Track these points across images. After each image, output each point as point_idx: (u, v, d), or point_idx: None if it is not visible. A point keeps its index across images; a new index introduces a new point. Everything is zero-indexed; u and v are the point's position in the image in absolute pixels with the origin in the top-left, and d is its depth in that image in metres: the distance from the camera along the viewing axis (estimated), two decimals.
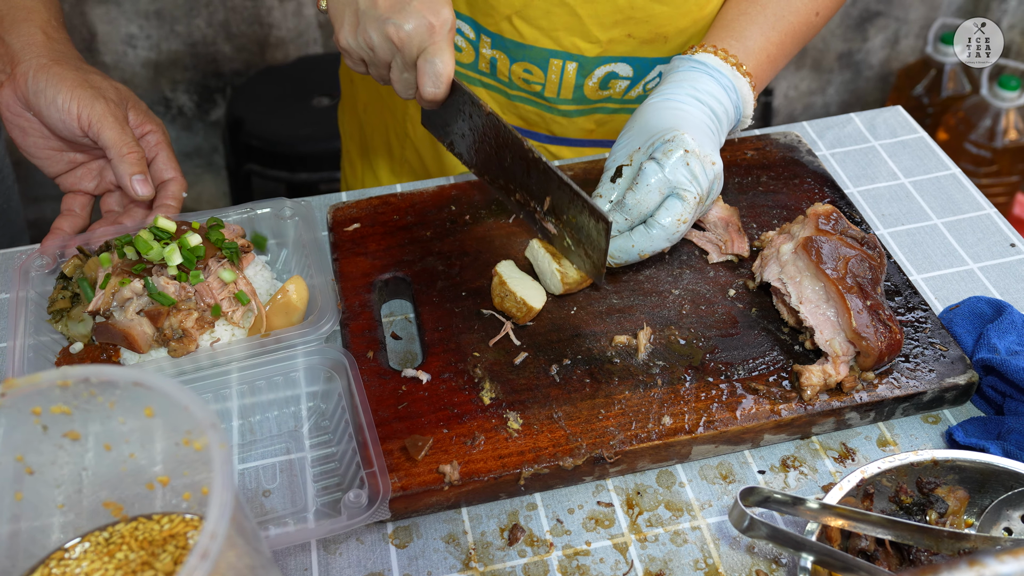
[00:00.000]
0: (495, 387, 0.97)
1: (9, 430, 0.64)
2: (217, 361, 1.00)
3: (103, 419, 0.66)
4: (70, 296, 1.06)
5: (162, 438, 0.67)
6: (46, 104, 1.05)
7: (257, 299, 1.03)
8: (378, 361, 1.01)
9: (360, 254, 1.12)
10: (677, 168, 0.99)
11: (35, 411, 0.64)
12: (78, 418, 0.66)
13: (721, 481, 0.94)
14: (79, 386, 0.64)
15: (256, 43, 2.87)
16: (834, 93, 3.41)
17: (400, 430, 0.94)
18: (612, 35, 1.18)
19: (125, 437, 0.68)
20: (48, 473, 0.68)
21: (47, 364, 1.02)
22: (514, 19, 1.18)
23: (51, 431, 0.66)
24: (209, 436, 0.58)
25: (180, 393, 0.61)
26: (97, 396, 0.65)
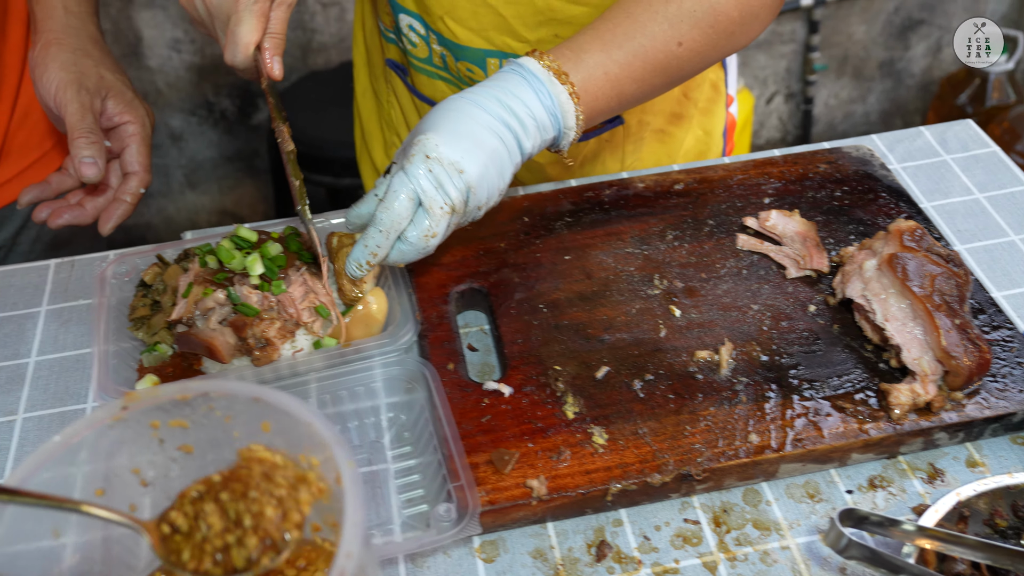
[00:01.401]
0: (578, 401, 0.97)
1: (128, 442, 0.65)
2: (297, 371, 1.00)
3: (219, 433, 0.66)
4: (150, 304, 1.06)
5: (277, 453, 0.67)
6: (38, 79, 1.12)
7: (336, 310, 1.03)
8: (458, 373, 1.01)
9: (434, 265, 1.12)
10: (419, 176, 0.94)
11: (154, 424, 0.65)
12: (193, 431, 0.66)
13: (808, 500, 0.93)
14: (198, 400, 0.64)
15: (299, 48, 2.89)
16: (875, 102, 3.39)
17: (484, 443, 0.94)
18: (540, 35, 1.19)
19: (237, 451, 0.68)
20: (161, 485, 0.68)
21: (129, 371, 1.02)
22: (446, 19, 1.20)
23: (167, 444, 0.66)
24: (336, 453, 0.58)
25: (302, 409, 0.61)
26: (215, 410, 0.65)
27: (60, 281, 1.19)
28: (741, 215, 1.17)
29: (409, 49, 1.27)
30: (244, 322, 0.98)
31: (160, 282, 1.07)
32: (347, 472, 0.57)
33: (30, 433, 1.01)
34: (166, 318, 1.04)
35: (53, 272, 1.20)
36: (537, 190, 1.24)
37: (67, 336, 1.12)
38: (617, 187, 1.22)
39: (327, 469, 0.61)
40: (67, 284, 1.18)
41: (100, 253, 1.23)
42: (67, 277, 1.19)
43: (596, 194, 1.21)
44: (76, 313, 1.15)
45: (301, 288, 1.02)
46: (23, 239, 1.41)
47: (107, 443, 0.64)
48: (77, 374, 1.07)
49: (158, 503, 0.69)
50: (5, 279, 1.19)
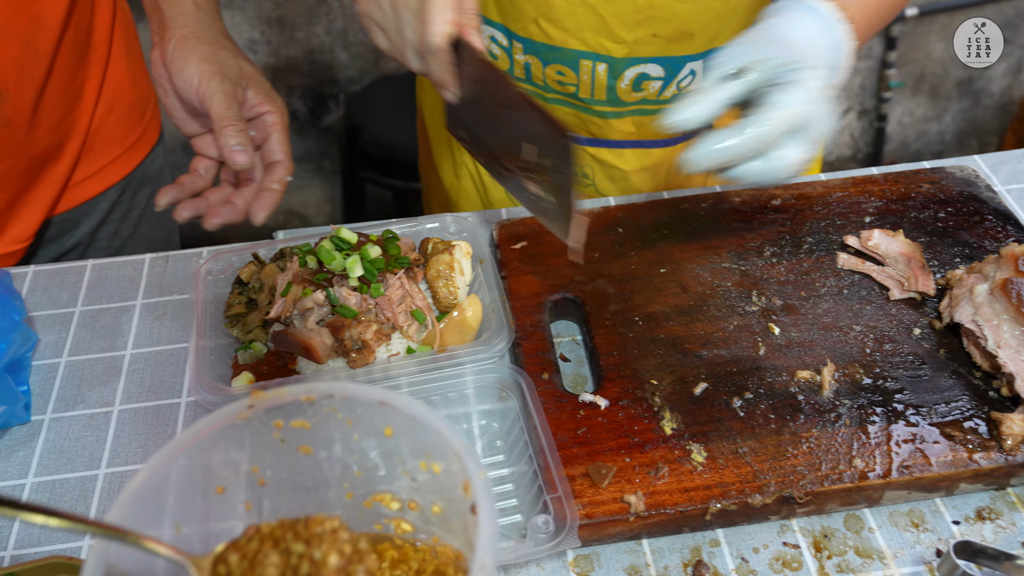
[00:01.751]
0: (675, 417, 0.96)
1: (251, 441, 0.65)
2: (391, 374, 1.00)
3: (339, 435, 0.66)
4: (245, 301, 1.07)
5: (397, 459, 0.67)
6: (178, 72, 1.11)
7: (432, 315, 1.03)
8: (553, 383, 1.00)
9: (528, 273, 1.12)
10: (812, 102, 0.89)
11: (277, 424, 0.65)
12: (313, 432, 0.66)
13: (913, 529, 0.90)
14: (322, 401, 0.64)
15: (372, 51, 2.91)
16: (951, 121, 3.32)
17: (580, 456, 0.93)
18: (637, 35, 1.17)
19: (354, 454, 0.68)
20: (277, 486, 0.68)
21: (224, 367, 1.03)
22: (540, 21, 1.18)
23: (288, 444, 0.66)
24: (466, 462, 0.58)
25: (430, 416, 0.61)
26: (338, 412, 0.65)
27: (155, 276, 1.20)
28: (841, 233, 1.15)
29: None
30: (342, 324, 0.98)
31: (256, 280, 1.08)
32: (477, 482, 0.56)
33: (126, 425, 1.03)
34: (262, 316, 1.05)
35: (148, 267, 1.22)
36: (630, 201, 1.23)
37: (161, 330, 1.13)
38: (713, 200, 1.20)
39: (453, 477, 0.61)
40: (162, 279, 1.20)
41: (194, 249, 1.24)
42: (161, 272, 1.21)
43: (691, 206, 1.19)
44: (171, 308, 1.16)
45: (399, 292, 1.02)
46: (101, 235, 1.43)
47: (231, 440, 0.64)
48: (172, 368, 1.08)
49: (273, 505, 0.69)
50: (101, 272, 1.21)
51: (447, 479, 0.63)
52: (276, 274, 1.06)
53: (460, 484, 0.59)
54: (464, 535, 0.64)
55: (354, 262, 1.00)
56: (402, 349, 1.02)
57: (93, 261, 1.22)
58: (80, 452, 1.00)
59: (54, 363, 1.10)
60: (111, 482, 0.97)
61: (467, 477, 0.58)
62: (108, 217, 1.42)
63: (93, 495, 0.96)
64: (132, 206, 1.46)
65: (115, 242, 1.45)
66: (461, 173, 1.46)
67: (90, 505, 0.95)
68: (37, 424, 1.03)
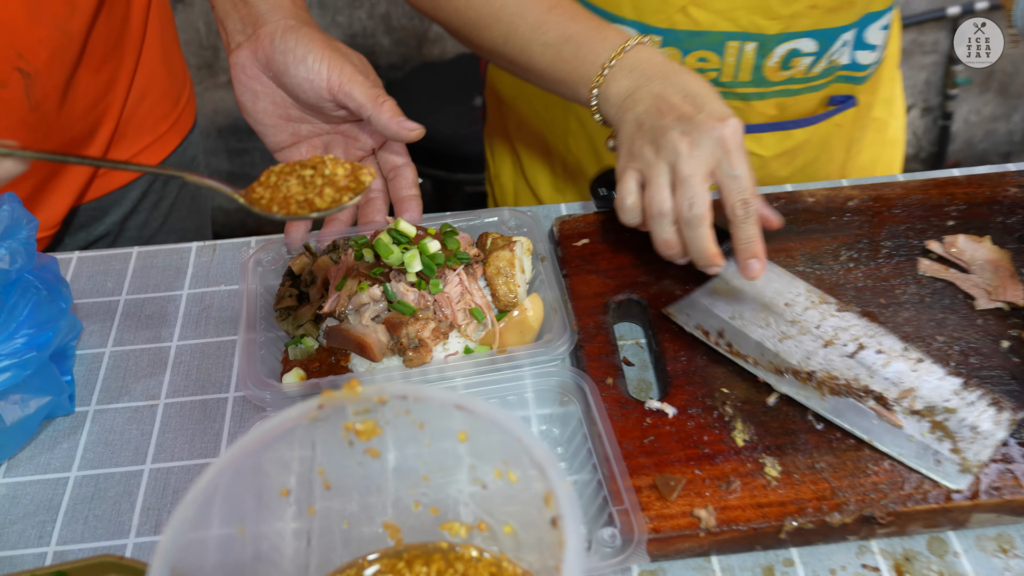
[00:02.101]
0: (748, 428, 0.94)
1: (319, 442, 0.64)
2: (447, 374, 0.99)
3: (409, 439, 0.65)
4: (297, 294, 1.07)
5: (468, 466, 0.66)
6: (294, 63, 1.05)
7: (491, 314, 1.02)
8: (618, 388, 0.98)
9: (591, 272, 1.10)
10: None
11: (347, 426, 0.64)
12: (385, 436, 0.65)
13: (1002, 555, 0.88)
14: (394, 403, 0.63)
15: (415, 37, 2.91)
16: (1019, 120, 3.26)
17: (647, 466, 0.91)
18: (795, 8, 1.16)
19: (424, 459, 0.67)
20: (341, 490, 0.68)
21: (274, 362, 1.03)
22: (689, 8, 1.17)
23: (356, 446, 0.65)
24: (549, 473, 0.57)
25: (510, 422, 0.59)
26: (410, 415, 0.64)
27: (201, 265, 1.20)
28: (922, 238, 1.12)
29: None
30: (399, 321, 0.98)
31: (309, 273, 1.07)
32: (562, 495, 0.55)
33: (171, 420, 1.03)
34: (314, 310, 1.05)
35: (195, 255, 1.22)
36: None
37: (208, 322, 1.13)
38: (786, 200, 1.18)
39: (532, 487, 0.60)
40: (208, 268, 1.20)
41: (243, 239, 1.24)
42: (208, 261, 1.21)
43: (780, 205, 1.17)
44: (217, 299, 1.16)
45: (457, 289, 1.01)
46: (131, 224, 1.43)
47: (300, 441, 0.63)
48: (219, 362, 1.08)
49: (338, 507, 0.68)
50: (147, 260, 1.22)
51: (524, 489, 0.61)
52: (330, 267, 1.05)
53: (539, 495, 0.58)
54: (538, 550, 0.63)
55: (413, 257, 0.99)
56: (460, 349, 1.01)
57: (139, 248, 1.23)
58: (125, 446, 1.00)
59: (99, 353, 1.10)
60: (156, 478, 0.97)
61: (549, 488, 0.56)
62: (138, 206, 1.43)
63: (138, 491, 0.96)
64: (163, 195, 1.46)
65: (145, 232, 1.46)
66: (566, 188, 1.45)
67: (135, 501, 0.95)
68: (81, 416, 1.03)
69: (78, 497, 0.96)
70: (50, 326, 0.97)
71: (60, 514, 0.94)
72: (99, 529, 0.93)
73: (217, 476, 0.60)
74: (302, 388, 0.96)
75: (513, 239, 1.08)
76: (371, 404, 0.63)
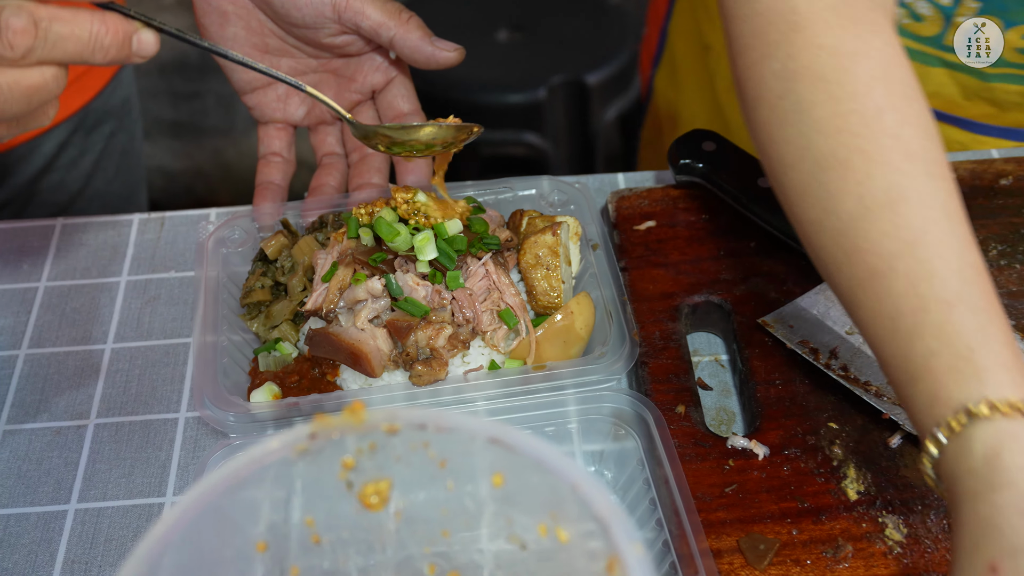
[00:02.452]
0: (863, 476, 0.94)
1: (308, 484, 0.64)
2: (465, 396, 0.99)
3: (427, 480, 0.65)
4: (271, 285, 1.07)
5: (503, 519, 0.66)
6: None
7: (526, 317, 1.02)
8: (691, 420, 0.98)
9: (658, 264, 1.10)
10: None
11: (346, 463, 0.64)
12: (394, 476, 0.65)
13: None
14: (409, 433, 0.63)
15: None
16: None
17: (729, 522, 0.91)
18: None
19: (444, 507, 0.67)
20: (334, 545, 0.68)
21: (239, 373, 1.04)
22: None
23: (355, 489, 0.65)
24: (613, 530, 0.56)
25: (564, 463, 0.59)
26: (428, 449, 0.64)
27: (145, 244, 1.21)
28: None
29: (903, 25, 1.24)
30: (406, 324, 0.98)
31: (287, 257, 1.08)
32: (632, 561, 0.55)
33: (104, 445, 1.03)
34: (293, 307, 1.05)
35: (136, 231, 1.23)
36: None
37: (154, 319, 1.14)
38: None
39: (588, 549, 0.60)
40: (154, 248, 1.21)
41: (198, 211, 1.24)
42: (154, 239, 1.22)
43: None
44: (166, 288, 1.17)
45: (483, 283, 1.01)
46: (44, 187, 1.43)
47: (282, 483, 0.63)
48: (167, 371, 1.09)
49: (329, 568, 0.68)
50: (74, 235, 1.23)
51: (578, 553, 0.61)
52: (315, 250, 1.06)
53: (600, 559, 0.58)
54: None
55: (426, 240, 0.99)
56: (484, 363, 1.01)
57: (64, 220, 1.24)
58: (44, 478, 1.01)
59: (9, 357, 1.11)
60: (84, 522, 0.98)
61: (614, 553, 0.56)
62: (53, 163, 1.43)
63: (60, 538, 0.97)
64: (85, 149, 1.47)
65: (60, 196, 1.46)
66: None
67: (55, 552, 0.96)
68: None
69: None
70: None
71: None
72: None
73: (172, 527, 0.60)
74: (276, 409, 0.96)
75: (557, 219, 1.07)
76: (378, 435, 0.63)
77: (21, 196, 1.42)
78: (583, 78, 2.55)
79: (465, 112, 2.66)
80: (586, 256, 1.09)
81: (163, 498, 0.99)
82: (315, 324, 1.02)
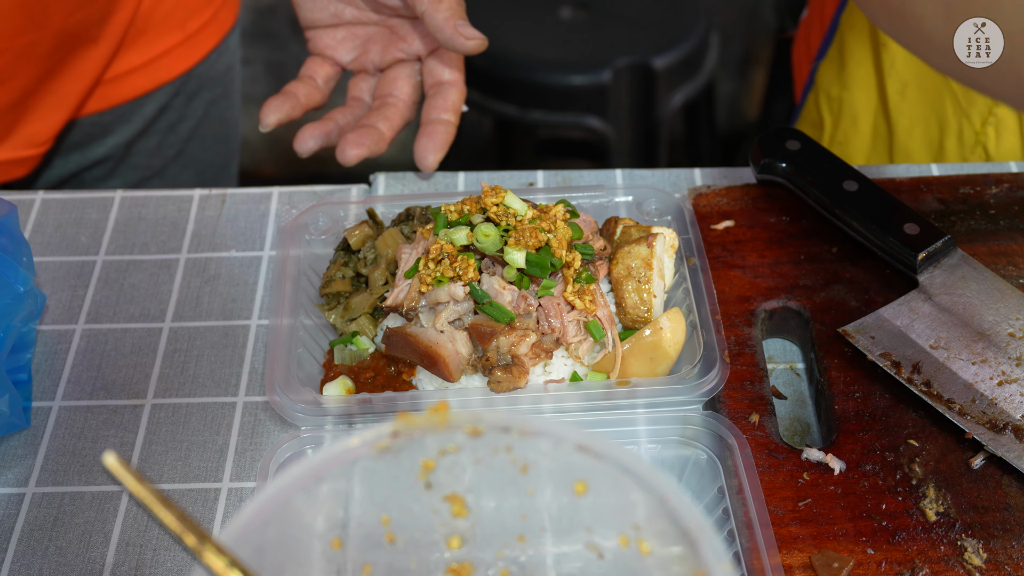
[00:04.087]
0: (943, 496, 0.94)
1: (386, 482, 0.66)
2: (543, 407, 1.00)
3: (507, 485, 0.67)
4: (352, 277, 1.08)
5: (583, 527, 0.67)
6: None
7: (614, 330, 1.02)
8: (765, 430, 0.99)
9: (735, 267, 1.11)
10: None
11: (427, 465, 0.65)
12: (475, 479, 0.67)
13: None
14: (493, 436, 0.64)
15: None
16: None
17: (802, 538, 0.92)
18: None
19: (522, 513, 0.68)
20: (409, 545, 0.69)
21: (311, 363, 1.05)
22: None
23: (434, 491, 0.67)
24: (703, 548, 0.58)
25: (653, 475, 0.60)
26: (511, 453, 0.65)
27: (206, 221, 1.23)
28: None
29: None
30: (490, 329, 0.98)
31: (370, 248, 1.09)
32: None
33: (160, 427, 1.05)
34: (373, 301, 1.06)
35: (197, 206, 1.25)
36: (888, 175, 1.21)
37: (213, 299, 1.16)
38: (1009, 184, 1.17)
39: (673, 565, 0.61)
40: (215, 226, 1.23)
41: (262, 189, 1.26)
42: (215, 216, 1.24)
43: (976, 191, 1.17)
44: (226, 267, 1.19)
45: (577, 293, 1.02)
46: (139, 149, 1.47)
47: (360, 480, 0.65)
48: (225, 353, 1.11)
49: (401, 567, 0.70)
50: (133, 208, 1.25)
51: (660, 566, 0.62)
52: (399, 244, 1.06)
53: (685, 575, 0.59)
54: None
55: (520, 249, 0.98)
56: (566, 374, 1.02)
57: (123, 193, 1.26)
58: (99, 457, 1.03)
59: (66, 331, 1.14)
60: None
61: (702, 569, 0.57)
62: (152, 126, 1.47)
63: (115, 520, 0.99)
64: (184, 115, 1.50)
65: (155, 160, 1.50)
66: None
67: (110, 532, 0.98)
68: (41, 414, 1.06)
69: (35, 522, 0.99)
70: (1, 324, 0.97)
71: (12, 543, 0.97)
72: (62, 566, 0.96)
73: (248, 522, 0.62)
74: (348, 404, 0.98)
75: (653, 230, 1.07)
76: (460, 437, 0.64)
77: (116, 155, 1.46)
78: (650, 61, 2.54)
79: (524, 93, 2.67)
80: (680, 269, 1.09)
81: (219, 483, 1.01)
82: (394, 320, 1.03)
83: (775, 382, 1.07)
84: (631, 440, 0.99)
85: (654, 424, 0.99)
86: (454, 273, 0.97)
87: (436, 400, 0.96)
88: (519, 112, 2.58)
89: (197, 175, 1.51)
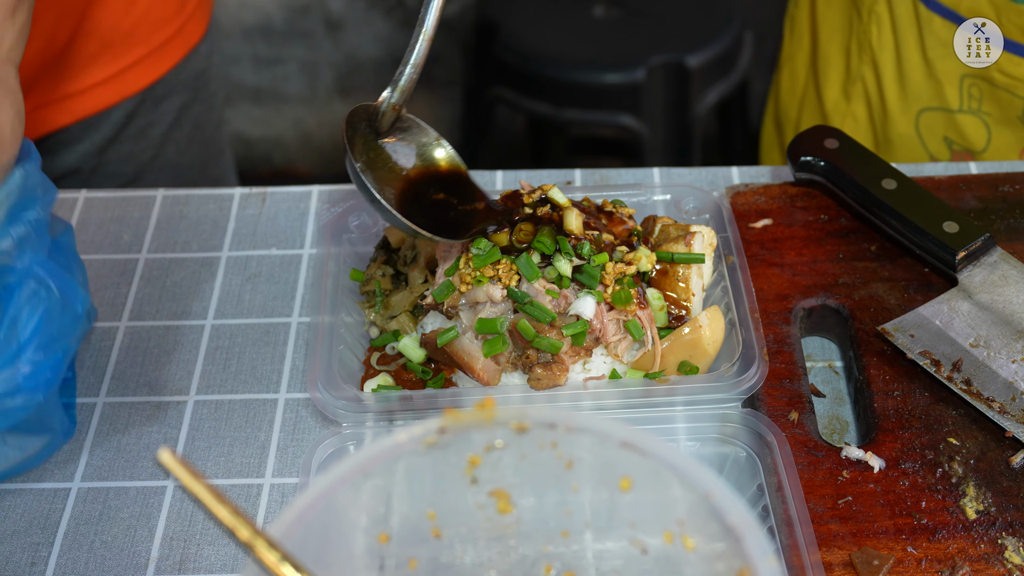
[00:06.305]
0: (983, 495, 0.94)
1: (433, 477, 0.67)
2: (582, 404, 1.00)
3: (552, 481, 0.68)
4: (392, 275, 1.09)
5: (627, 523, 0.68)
6: None
7: (653, 328, 1.02)
8: (804, 428, 0.99)
9: (773, 264, 1.11)
10: None
11: (473, 460, 0.66)
12: (520, 475, 0.67)
13: None
14: (538, 432, 0.65)
15: None
16: None
17: (842, 535, 0.92)
18: None
19: (567, 509, 0.69)
20: (455, 539, 0.70)
21: (351, 359, 1.06)
22: None
23: (480, 486, 0.68)
24: (748, 543, 0.58)
25: (698, 472, 0.61)
26: (556, 449, 0.66)
27: (247, 219, 1.25)
28: None
29: None
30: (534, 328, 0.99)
31: (410, 247, 1.09)
32: (764, 572, 0.57)
33: (203, 423, 1.07)
34: (414, 299, 1.07)
35: (238, 206, 1.26)
36: (927, 173, 1.21)
37: (254, 296, 1.17)
38: None
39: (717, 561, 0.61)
40: (256, 224, 1.24)
41: (301, 187, 1.28)
42: (256, 215, 1.25)
43: (1016, 189, 1.17)
44: (267, 265, 1.20)
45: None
46: (111, 156, 1.47)
47: (407, 475, 0.66)
48: (267, 351, 1.12)
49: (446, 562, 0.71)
50: (175, 207, 1.26)
51: (704, 562, 0.63)
52: (439, 242, 1.07)
53: (730, 571, 0.60)
54: None
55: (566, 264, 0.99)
56: (605, 371, 1.02)
57: (164, 191, 1.27)
58: (143, 454, 1.05)
59: (109, 328, 1.15)
60: (184, 499, 1.01)
61: (747, 565, 0.58)
62: (121, 134, 1.47)
63: (159, 515, 1.00)
64: (153, 120, 1.50)
65: (128, 166, 1.50)
66: (853, 91, 1.47)
67: (154, 527, 0.99)
68: (86, 411, 1.08)
69: (81, 516, 1.01)
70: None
71: (58, 536, 0.99)
72: (108, 559, 0.98)
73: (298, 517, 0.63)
74: (389, 401, 0.99)
75: (691, 228, 1.08)
76: (506, 432, 0.65)
77: (89, 164, 1.46)
78: (684, 60, 2.54)
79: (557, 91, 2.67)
80: (719, 267, 1.09)
81: (262, 479, 1.02)
82: (434, 318, 1.04)
83: (814, 380, 1.08)
84: (670, 437, 0.99)
85: (693, 422, 0.99)
86: (494, 272, 0.98)
87: (479, 397, 0.98)
88: (552, 110, 2.58)
89: (175, 178, 1.51)
